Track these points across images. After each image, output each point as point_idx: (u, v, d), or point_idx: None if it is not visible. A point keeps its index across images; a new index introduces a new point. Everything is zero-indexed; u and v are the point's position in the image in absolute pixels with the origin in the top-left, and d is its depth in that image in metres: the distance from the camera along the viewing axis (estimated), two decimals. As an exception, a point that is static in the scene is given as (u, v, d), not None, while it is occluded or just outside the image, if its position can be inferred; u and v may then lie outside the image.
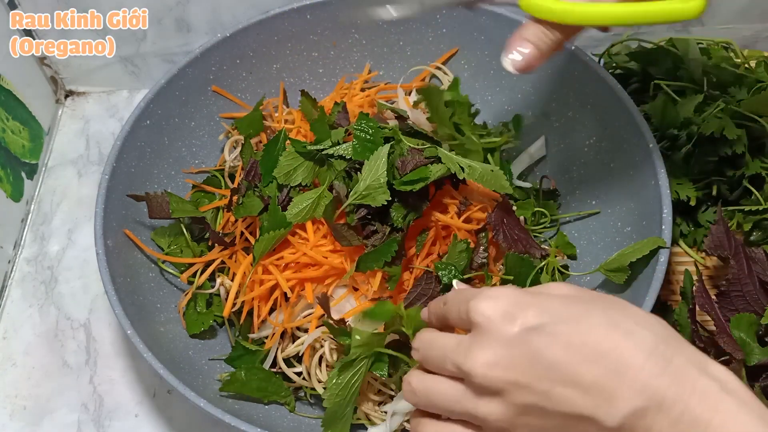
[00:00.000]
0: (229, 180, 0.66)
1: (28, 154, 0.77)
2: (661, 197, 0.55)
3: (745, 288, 0.54)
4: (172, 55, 0.80)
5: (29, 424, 0.62)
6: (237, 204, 0.60)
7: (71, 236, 0.74)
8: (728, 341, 0.51)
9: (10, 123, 0.74)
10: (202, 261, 0.61)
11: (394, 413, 0.54)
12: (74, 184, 0.78)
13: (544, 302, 0.36)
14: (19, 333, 0.68)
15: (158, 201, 0.60)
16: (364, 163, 0.54)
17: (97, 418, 0.62)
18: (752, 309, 0.54)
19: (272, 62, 0.70)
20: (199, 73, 0.66)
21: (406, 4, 0.48)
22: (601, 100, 0.62)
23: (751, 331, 0.53)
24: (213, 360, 0.59)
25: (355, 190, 0.54)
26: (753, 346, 0.52)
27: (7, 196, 0.72)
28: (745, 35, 0.75)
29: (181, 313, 0.60)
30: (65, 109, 0.84)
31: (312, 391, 0.57)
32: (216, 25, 0.77)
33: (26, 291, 0.70)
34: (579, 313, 0.35)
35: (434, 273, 0.54)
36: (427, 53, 0.71)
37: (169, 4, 0.74)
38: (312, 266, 0.57)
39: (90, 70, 0.82)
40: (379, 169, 0.53)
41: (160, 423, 0.62)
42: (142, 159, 0.63)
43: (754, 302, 0.54)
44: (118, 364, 0.65)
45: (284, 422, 0.56)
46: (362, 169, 0.54)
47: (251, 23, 0.66)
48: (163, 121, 0.65)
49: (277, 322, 0.57)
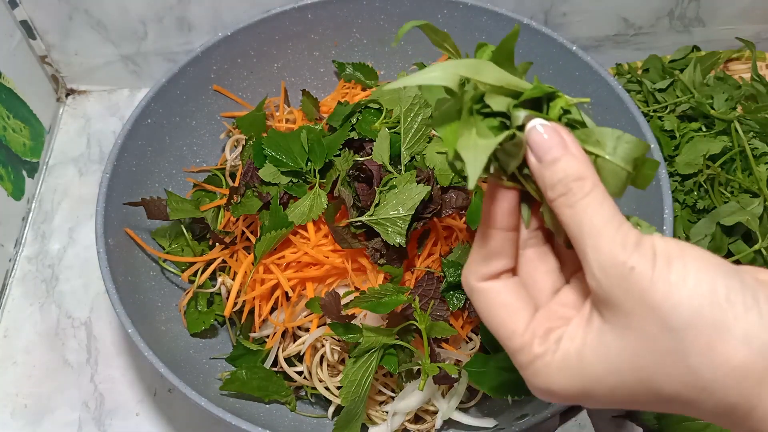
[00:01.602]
0: (230, 179, 0.66)
1: (29, 152, 0.77)
2: (662, 198, 0.55)
3: None
4: (173, 54, 0.80)
5: (30, 423, 0.62)
6: (235, 203, 0.60)
7: (72, 235, 0.74)
8: None
9: (11, 121, 0.74)
10: (203, 260, 0.61)
11: (395, 413, 0.54)
12: (75, 182, 0.78)
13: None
14: (20, 331, 0.68)
15: (155, 205, 0.60)
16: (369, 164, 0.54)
17: (98, 417, 0.62)
18: None
19: (273, 61, 0.70)
20: (200, 72, 0.66)
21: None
22: (601, 100, 0.63)
23: None
24: (214, 359, 0.59)
25: (374, 212, 0.53)
26: None
27: (8, 195, 0.72)
28: (746, 36, 0.75)
29: (182, 312, 0.60)
30: (66, 108, 0.84)
31: (313, 390, 0.57)
32: (217, 24, 0.77)
33: (27, 289, 0.71)
34: None
35: (435, 273, 0.55)
36: (427, 53, 0.71)
37: (171, 3, 0.74)
38: (313, 266, 0.57)
39: (91, 69, 0.82)
40: (406, 205, 0.52)
41: (160, 422, 0.62)
42: (143, 158, 0.63)
43: None
44: (119, 363, 0.65)
45: (285, 421, 0.56)
46: (388, 194, 0.53)
47: (252, 22, 0.66)
48: (164, 119, 0.65)
49: (278, 321, 0.57)
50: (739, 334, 0.26)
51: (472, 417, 0.54)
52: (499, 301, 0.33)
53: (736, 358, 0.26)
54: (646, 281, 0.28)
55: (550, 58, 0.65)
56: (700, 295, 0.27)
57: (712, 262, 0.28)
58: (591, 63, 0.63)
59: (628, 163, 0.31)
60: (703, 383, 0.27)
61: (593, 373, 0.29)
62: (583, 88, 0.64)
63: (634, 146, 0.31)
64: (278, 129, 0.65)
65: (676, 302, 0.27)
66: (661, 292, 0.27)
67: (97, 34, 0.78)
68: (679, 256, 0.28)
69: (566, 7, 0.75)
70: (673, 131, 0.66)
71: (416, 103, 0.57)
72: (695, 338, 0.27)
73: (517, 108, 0.31)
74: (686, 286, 0.27)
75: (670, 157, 0.65)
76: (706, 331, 0.27)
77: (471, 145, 0.31)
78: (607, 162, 0.31)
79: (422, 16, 0.69)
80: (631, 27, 0.78)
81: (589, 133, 0.32)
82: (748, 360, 0.26)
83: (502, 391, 0.54)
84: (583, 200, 0.30)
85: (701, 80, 0.70)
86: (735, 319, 0.26)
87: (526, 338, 0.31)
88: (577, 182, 0.30)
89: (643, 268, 0.28)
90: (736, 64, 0.77)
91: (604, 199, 0.30)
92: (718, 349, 0.26)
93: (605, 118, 0.63)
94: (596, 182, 0.30)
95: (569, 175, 0.30)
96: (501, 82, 0.32)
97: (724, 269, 0.28)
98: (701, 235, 0.60)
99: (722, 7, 0.76)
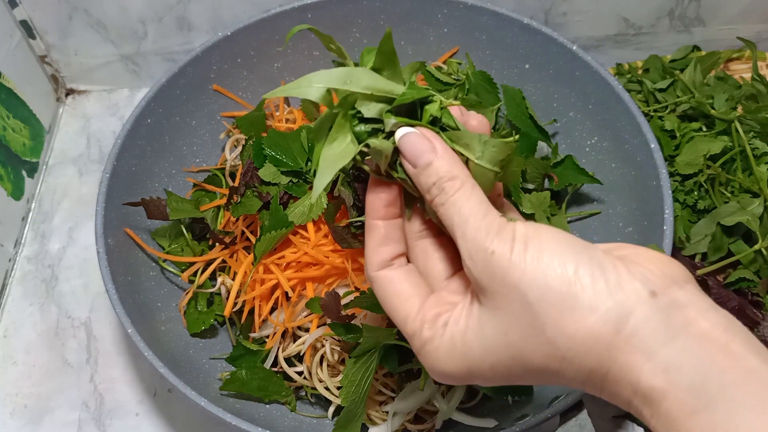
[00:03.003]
0: (230, 179, 0.66)
1: (28, 152, 0.77)
2: (662, 197, 0.55)
3: (730, 304, 0.55)
4: (173, 53, 0.80)
5: (30, 423, 0.62)
6: (235, 203, 0.60)
7: (72, 235, 0.74)
8: None
9: (10, 121, 0.74)
10: (203, 260, 0.61)
11: (396, 413, 0.54)
12: (75, 182, 0.78)
13: None
14: (19, 331, 0.68)
15: (155, 205, 0.60)
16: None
17: (98, 417, 0.62)
18: (742, 322, 0.54)
19: (273, 61, 0.70)
20: (200, 72, 0.66)
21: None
22: (602, 100, 0.63)
23: None
24: (214, 359, 0.59)
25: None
26: None
27: (7, 195, 0.72)
28: (746, 36, 0.75)
29: (181, 312, 0.60)
30: (66, 108, 0.84)
31: (313, 390, 0.57)
32: (217, 23, 0.77)
33: (27, 289, 0.70)
34: None
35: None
36: (428, 52, 0.71)
37: (170, 3, 0.74)
38: (313, 265, 0.57)
39: (91, 69, 0.82)
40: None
41: (160, 422, 0.62)
42: (143, 157, 0.63)
43: (741, 316, 0.55)
44: (119, 363, 0.65)
45: (285, 422, 0.56)
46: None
47: (252, 22, 0.66)
48: (164, 119, 0.65)
49: (278, 321, 0.57)
50: (586, 304, 0.28)
51: (472, 417, 0.54)
52: (393, 289, 0.35)
53: (584, 326, 0.28)
54: (505, 262, 0.30)
55: (551, 58, 0.65)
56: (552, 270, 0.29)
57: (564, 241, 0.30)
58: (591, 63, 0.62)
59: (495, 165, 0.34)
60: (561, 353, 0.29)
61: (475, 355, 0.31)
62: (583, 88, 0.64)
63: (499, 149, 0.33)
64: (278, 129, 0.65)
65: (531, 279, 0.29)
66: (519, 271, 0.29)
67: (97, 33, 0.78)
68: (534, 237, 0.30)
69: (566, 6, 0.75)
70: (673, 131, 0.66)
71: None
72: (549, 311, 0.29)
73: (388, 114, 0.33)
74: (540, 264, 0.29)
75: (670, 157, 0.65)
76: (557, 303, 0.29)
77: (329, 156, 0.33)
78: (475, 164, 0.34)
79: (422, 15, 0.69)
80: (631, 27, 0.78)
81: (459, 135, 0.34)
82: (596, 327, 0.28)
83: (502, 391, 0.54)
84: (453, 196, 0.32)
85: (701, 80, 0.70)
86: (582, 290, 0.28)
87: (417, 324, 0.34)
88: (449, 182, 0.33)
89: (503, 250, 0.30)
90: (737, 64, 0.77)
91: (471, 193, 0.33)
92: (569, 319, 0.28)
93: (605, 118, 0.63)
94: (465, 179, 0.33)
95: (442, 177, 0.33)
96: (372, 89, 0.33)
97: (575, 247, 0.30)
98: (701, 235, 0.61)
99: (722, 6, 0.76)
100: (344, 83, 0.33)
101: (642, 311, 0.28)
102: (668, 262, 0.30)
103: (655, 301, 0.28)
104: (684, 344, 0.27)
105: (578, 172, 0.62)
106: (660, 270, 0.29)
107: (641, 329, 0.27)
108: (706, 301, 0.29)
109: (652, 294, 0.28)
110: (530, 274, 0.29)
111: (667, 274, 0.29)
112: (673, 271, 0.30)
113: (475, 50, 0.70)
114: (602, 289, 0.28)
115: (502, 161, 0.34)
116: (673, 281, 0.29)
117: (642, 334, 0.27)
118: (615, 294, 0.28)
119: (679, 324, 0.27)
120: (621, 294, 0.28)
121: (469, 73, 0.65)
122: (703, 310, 0.28)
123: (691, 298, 0.29)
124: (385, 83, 0.33)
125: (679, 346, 0.27)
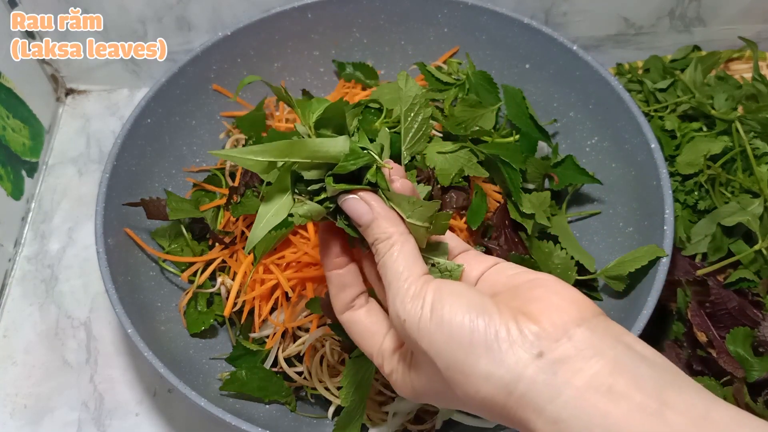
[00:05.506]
0: (230, 179, 0.66)
1: (28, 152, 0.77)
2: (663, 197, 0.55)
3: (730, 304, 0.55)
4: (172, 53, 0.80)
5: (29, 423, 0.62)
6: (235, 203, 0.60)
7: (72, 235, 0.74)
8: (728, 360, 0.52)
9: (10, 121, 0.74)
10: (203, 260, 0.60)
11: (396, 413, 0.54)
12: (75, 182, 0.78)
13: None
14: (19, 331, 0.68)
15: (155, 205, 0.60)
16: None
17: (98, 417, 0.62)
18: (741, 323, 0.54)
19: (273, 61, 0.70)
20: (199, 72, 0.66)
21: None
22: (602, 100, 0.62)
23: (747, 345, 0.54)
24: (214, 359, 0.59)
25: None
26: (752, 361, 0.53)
27: (7, 194, 0.72)
28: (746, 35, 0.75)
29: (181, 312, 0.60)
30: (66, 108, 0.84)
31: (313, 390, 0.57)
32: (217, 23, 0.77)
33: (27, 289, 0.70)
34: None
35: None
36: (428, 52, 0.71)
37: (170, 3, 0.74)
38: (313, 265, 0.57)
39: (90, 69, 0.82)
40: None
41: (160, 422, 0.62)
42: (143, 157, 0.63)
43: (742, 316, 0.55)
44: (119, 363, 0.65)
45: (285, 422, 0.56)
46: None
47: (252, 22, 0.66)
48: (163, 119, 0.65)
49: (278, 321, 0.56)
50: (482, 373, 0.31)
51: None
52: (357, 330, 0.40)
53: (482, 391, 0.31)
54: (414, 332, 0.33)
55: (551, 58, 0.65)
56: (454, 340, 0.32)
57: (464, 306, 0.32)
58: (591, 63, 0.62)
59: (424, 222, 0.37)
60: (472, 409, 0.33)
61: (420, 388, 0.36)
62: (583, 88, 0.64)
63: (426, 209, 0.37)
64: (278, 129, 0.65)
65: (437, 350, 0.32)
66: (426, 341, 0.33)
67: (97, 33, 0.77)
68: (438, 305, 0.33)
69: (567, 6, 0.75)
70: (673, 131, 0.66)
71: (416, 103, 0.57)
72: (454, 376, 0.32)
73: (329, 179, 0.36)
74: (442, 333, 0.32)
75: (671, 157, 0.65)
76: (460, 370, 0.32)
77: (264, 213, 0.37)
78: (407, 222, 0.37)
79: (422, 15, 0.69)
80: (631, 27, 0.78)
81: (394, 195, 0.37)
82: (491, 392, 0.31)
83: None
84: (383, 257, 0.36)
85: (702, 80, 0.70)
86: (477, 360, 0.31)
87: (380, 359, 0.39)
88: (382, 243, 0.36)
89: (412, 320, 0.33)
90: (737, 64, 0.77)
91: (400, 253, 0.36)
92: (469, 385, 0.32)
93: (605, 118, 0.63)
94: (398, 237, 0.36)
95: (378, 238, 0.36)
96: (314, 158, 0.36)
97: (473, 312, 0.32)
98: (701, 235, 0.61)
99: (723, 6, 0.76)
100: (286, 155, 0.36)
101: (530, 374, 0.30)
102: (567, 305, 0.32)
103: (541, 361, 0.30)
104: (567, 398, 0.29)
105: (578, 172, 0.62)
106: (553, 322, 0.31)
107: (529, 390, 0.30)
108: (596, 345, 0.30)
109: (539, 355, 0.30)
110: (435, 344, 0.32)
111: (559, 325, 0.31)
112: (570, 315, 0.31)
113: (475, 50, 0.69)
114: (495, 358, 0.31)
115: (430, 218, 0.37)
116: (563, 332, 0.31)
117: (530, 395, 0.30)
118: (507, 359, 0.31)
119: (562, 380, 0.30)
120: (512, 358, 0.31)
121: (469, 73, 0.65)
122: (588, 357, 0.30)
123: (578, 346, 0.30)
124: (329, 147, 0.36)
125: (563, 400, 0.29)
